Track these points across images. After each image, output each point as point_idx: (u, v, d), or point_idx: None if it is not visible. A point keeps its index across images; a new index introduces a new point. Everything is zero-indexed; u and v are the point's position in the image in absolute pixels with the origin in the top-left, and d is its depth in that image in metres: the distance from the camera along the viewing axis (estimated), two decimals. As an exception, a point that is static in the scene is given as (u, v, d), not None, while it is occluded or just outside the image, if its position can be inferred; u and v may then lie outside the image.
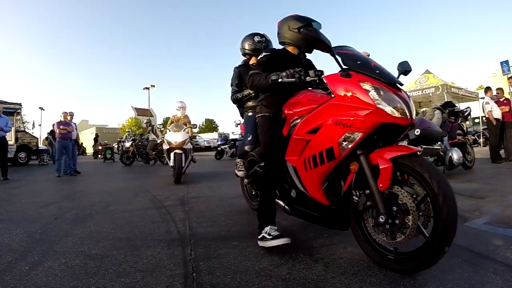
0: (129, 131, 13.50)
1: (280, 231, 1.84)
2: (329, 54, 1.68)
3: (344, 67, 1.60)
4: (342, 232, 1.79)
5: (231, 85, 2.85)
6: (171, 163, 5.37)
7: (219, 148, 12.85)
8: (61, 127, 7.23)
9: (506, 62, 8.04)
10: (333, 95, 1.62)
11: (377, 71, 1.53)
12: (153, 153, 9.81)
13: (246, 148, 2.60)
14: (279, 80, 1.73)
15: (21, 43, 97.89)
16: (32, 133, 15.17)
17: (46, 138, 14.43)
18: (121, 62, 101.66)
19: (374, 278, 1.43)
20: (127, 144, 11.52)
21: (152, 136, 10.33)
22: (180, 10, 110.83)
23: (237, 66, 2.92)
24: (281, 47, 2.16)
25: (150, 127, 11.28)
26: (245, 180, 2.84)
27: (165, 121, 8.49)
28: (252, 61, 2.80)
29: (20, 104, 12.82)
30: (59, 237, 2.18)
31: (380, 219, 1.44)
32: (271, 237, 1.78)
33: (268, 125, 2.03)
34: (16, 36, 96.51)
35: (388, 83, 1.50)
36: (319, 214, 1.75)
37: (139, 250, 1.88)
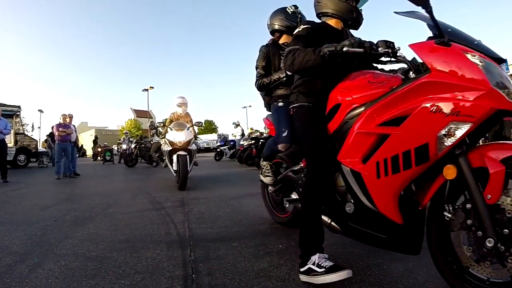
0: (126, 133, 13.55)
1: (333, 259, 1.46)
2: (410, 18, 1.31)
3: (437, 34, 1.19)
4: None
5: (256, 67, 2.29)
6: (174, 167, 4.71)
7: (218, 149, 12.86)
8: (60, 129, 7.23)
9: (505, 61, 8.09)
10: (412, 74, 1.30)
11: (475, 42, 1.19)
12: (156, 155, 9.84)
13: (280, 147, 2.02)
14: (344, 49, 1.33)
15: (19, 45, 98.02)
16: (31, 135, 15.15)
17: (45, 141, 14.44)
18: (120, 63, 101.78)
19: (373, 278, 1.43)
20: (124, 146, 11.70)
21: (156, 138, 10.35)
22: (180, 11, 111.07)
23: (264, 45, 2.35)
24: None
25: (154, 130, 11.31)
26: (270, 188, 2.33)
27: (164, 122, 8.26)
28: (284, 39, 2.30)
29: (19, 107, 12.82)
30: (59, 239, 2.18)
31: (488, 244, 1.07)
32: (323, 269, 1.35)
33: (309, 118, 1.61)
34: (14, 37, 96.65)
35: (491, 57, 1.15)
36: (388, 235, 1.34)
37: (138, 251, 1.89)
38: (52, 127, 7.78)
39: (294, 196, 2.02)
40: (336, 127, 1.51)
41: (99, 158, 17.12)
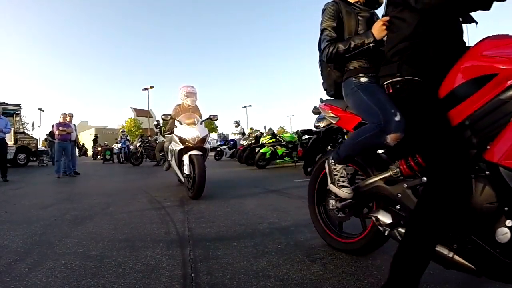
0: (123, 131, 13.61)
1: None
2: None
3: None
4: (340, 233, 1.78)
5: (323, 30, 1.67)
6: (185, 170, 3.76)
7: (218, 149, 12.87)
8: (60, 128, 7.24)
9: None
10: None
11: None
12: (160, 154, 9.82)
13: (391, 138, 1.30)
14: None
15: (19, 44, 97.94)
16: (32, 134, 15.18)
17: (46, 140, 14.47)
18: (120, 62, 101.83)
19: (371, 278, 1.44)
20: (119, 145, 11.85)
21: (160, 138, 10.35)
22: (180, 11, 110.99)
23: (331, 1, 1.73)
24: None
25: (158, 129, 11.33)
26: (332, 203, 1.69)
27: (164, 122, 8.00)
28: None
29: (19, 106, 12.82)
30: (58, 238, 2.18)
31: None
32: None
33: (425, 98, 1.20)
34: (15, 37, 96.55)
35: None
36: None
37: (138, 251, 1.89)
38: (52, 126, 7.79)
39: (383, 217, 1.41)
40: (476, 111, 1.06)
41: (99, 157, 17.19)
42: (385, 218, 1.40)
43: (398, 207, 1.37)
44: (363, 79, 1.56)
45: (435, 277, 1.42)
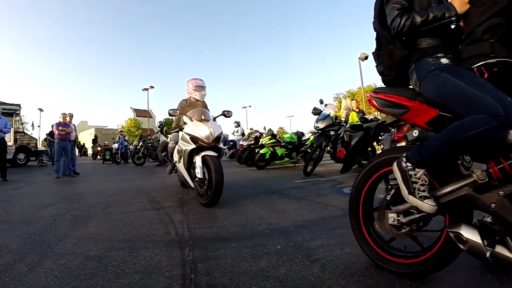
0: (121, 131, 13.62)
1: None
2: None
3: None
4: (339, 234, 1.79)
5: None
6: (197, 174, 3.20)
7: (218, 149, 12.84)
8: (60, 128, 7.24)
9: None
10: None
11: None
12: (162, 154, 9.79)
13: None
14: None
15: (20, 43, 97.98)
16: (31, 134, 15.20)
17: (45, 139, 14.48)
18: (120, 62, 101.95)
19: (370, 279, 1.44)
20: (116, 145, 11.90)
21: (162, 138, 10.31)
22: (181, 11, 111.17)
23: None
24: None
25: (159, 129, 11.33)
26: (393, 216, 1.38)
27: (167, 121, 7.93)
28: None
29: (19, 105, 12.84)
30: (58, 238, 2.18)
31: None
32: None
33: None
34: (15, 36, 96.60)
35: None
36: None
37: (137, 251, 1.89)
38: (52, 126, 7.79)
39: (469, 233, 1.14)
40: None
41: (98, 157, 17.21)
42: (471, 234, 1.13)
43: (489, 219, 1.12)
44: (444, 60, 1.29)
45: (433, 278, 1.42)
